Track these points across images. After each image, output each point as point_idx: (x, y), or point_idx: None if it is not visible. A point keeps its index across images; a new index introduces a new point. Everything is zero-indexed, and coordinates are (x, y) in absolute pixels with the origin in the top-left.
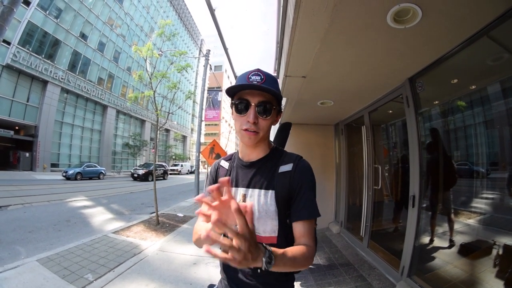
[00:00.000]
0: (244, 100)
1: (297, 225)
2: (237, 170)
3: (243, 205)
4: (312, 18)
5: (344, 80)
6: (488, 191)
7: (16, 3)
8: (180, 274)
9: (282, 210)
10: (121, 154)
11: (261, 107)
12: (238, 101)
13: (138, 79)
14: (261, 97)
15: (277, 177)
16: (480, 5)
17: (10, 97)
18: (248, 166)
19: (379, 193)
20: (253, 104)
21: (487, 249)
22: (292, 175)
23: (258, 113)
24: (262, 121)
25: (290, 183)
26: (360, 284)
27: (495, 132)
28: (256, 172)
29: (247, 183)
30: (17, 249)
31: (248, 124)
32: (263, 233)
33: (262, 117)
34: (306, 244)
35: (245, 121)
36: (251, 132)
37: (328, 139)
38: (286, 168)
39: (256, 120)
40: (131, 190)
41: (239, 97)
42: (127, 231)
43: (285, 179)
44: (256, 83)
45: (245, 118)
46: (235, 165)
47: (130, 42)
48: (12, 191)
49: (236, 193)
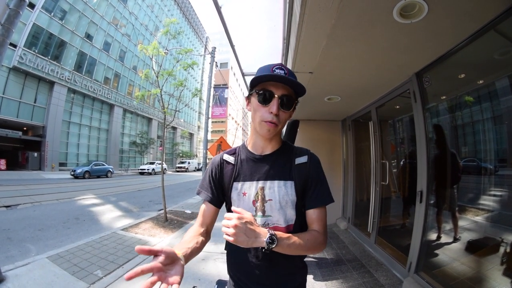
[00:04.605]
0: (268, 90)
1: (310, 212)
2: (247, 163)
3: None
4: (318, 14)
5: (351, 75)
6: (496, 188)
7: (22, 6)
8: (188, 269)
9: (299, 199)
10: (129, 152)
11: (284, 99)
12: (262, 91)
13: (144, 78)
14: (284, 90)
15: (294, 169)
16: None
17: (17, 98)
18: (262, 159)
19: (386, 189)
20: (277, 96)
21: (494, 246)
22: (308, 166)
23: (280, 105)
24: (283, 113)
25: (306, 174)
26: (367, 280)
27: (503, 128)
28: (272, 164)
29: (265, 176)
30: (28, 246)
31: (271, 115)
32: (283, 223)
33: (283, 110)
34: (316, 230)
35: (267, 112)
36: (272, 123)
37: (335, 135)
38: (302, 160)
39: (278, 112)
40: (138, 187)
41: (263, 88)
42: (136, 228)
43: (302, 170)
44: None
45: (267, 109)
46: (243, 159)
47: (135, 41)
48: (22, 190)
49: (252, 186)
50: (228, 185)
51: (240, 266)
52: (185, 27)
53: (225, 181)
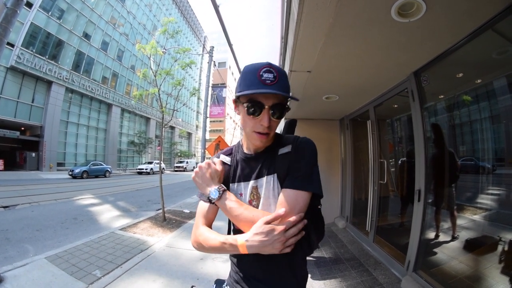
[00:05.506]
0: (257, 102)
1: (280, 195)
2: (242, 164)
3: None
4: (317, 12)
5: (349, 74)
6: (494, 187)
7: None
8: (187, 269)
9: None
10: (127, 152)
11: (275, 109)
12: (251, 104)
13: (142, 77)
14: (275, 99)
15: (277, 160)
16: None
17: (15, 98)
18: (255, 158)
19: (384, 188)
20: (267, 107)
21: (492, 245)
22: (291, 155)
23: (271, 116)
24: (274, 122)
25: (289, 162)
26: (366, 278)
27: (501, 127)
28: (263, 161)
29: (256, 174)
30: (26, 247)
31: (262, 127)
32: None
33: (274, 118)
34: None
35: (257, 124)
36: (263, 135)
37: (333, 134)
38: (285, 150)
39: (269, 123)
40: (137, 187)
41: (252, 98)
42: (134, 228)
43: (284, 160)
44: (270, 82)
45: (257, 121)
46: (239, 159)
47: (133, 40)
48: (19, 190)
49: (246, 187)
50: (226, 186)
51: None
52: (183, 26)
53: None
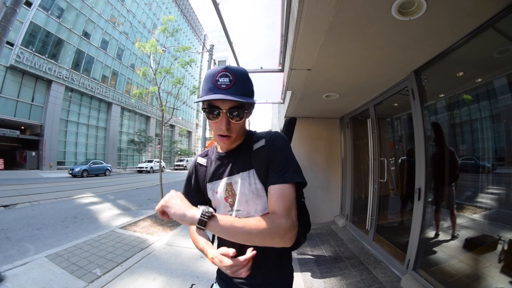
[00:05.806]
0: (215, 107)
1: (269, 192)
2: (216, 163)
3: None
4: (317, 10)
5: (349, 72)
6: (494, 186)
7: (19, 4)
8: (187, 267)
9: (266, 186)
10: (127, 151)
11: (233, 112)
12: (209, 108)
13: (142, 76)
14: (232, 103)
15: (253, 155)
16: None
17: (15, 97)
18: (226, 156)
19: (384, 186)
20: (224, 111)
21: (492, 244)
22: (266, 149)
23: (230, 118)
24: (235, 124)
25: (266, 157)
26: (366, 277)
27: (501, 126)
28: (236, 158)
29: (230, 171)
30: (26, 246)
31: (222, 130)
32: (260, 213)
33: (234, 121)
34: (276, 212)
35: (218, 127)
36: (224, 137)
37: (333, 132)
38: (259, 144)
39: (229, 125)
40: (137, 186)
41: (209, 104)
42: (134, 226)
43: (260, 154)
44: (225, 86)
45: (217, 124)
46: (213, 159)
47: (133, 39)
48: (20, 189)
49: (221, 184)
50: (203, 187)
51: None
52: (183, 24)
53: (200, 183)
